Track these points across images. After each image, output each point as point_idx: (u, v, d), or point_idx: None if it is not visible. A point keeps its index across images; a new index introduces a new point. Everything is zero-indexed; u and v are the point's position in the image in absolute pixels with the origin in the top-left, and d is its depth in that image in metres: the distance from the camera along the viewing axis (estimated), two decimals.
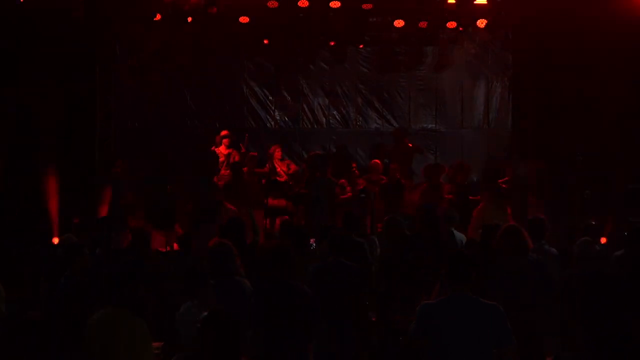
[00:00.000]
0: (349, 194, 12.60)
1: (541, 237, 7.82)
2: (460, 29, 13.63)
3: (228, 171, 13.34)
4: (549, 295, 7.10)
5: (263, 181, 12.94)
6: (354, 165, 13.06)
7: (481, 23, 13.28)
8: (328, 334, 7.15)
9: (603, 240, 10.10)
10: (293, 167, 13.93)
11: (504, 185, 12.49)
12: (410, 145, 14.04)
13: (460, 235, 8.90)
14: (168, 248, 10.78)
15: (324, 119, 15.50)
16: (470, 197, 12.22)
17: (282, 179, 13.29)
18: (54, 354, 6.97)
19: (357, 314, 7.41)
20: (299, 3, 12.81)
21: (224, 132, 13.65)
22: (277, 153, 13.78)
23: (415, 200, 12.28)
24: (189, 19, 12.79)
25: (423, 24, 13.55)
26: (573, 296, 6.80)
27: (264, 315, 5.97)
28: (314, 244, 9.20)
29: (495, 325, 5.10)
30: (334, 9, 13.07)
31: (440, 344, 5.11)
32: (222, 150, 13.62)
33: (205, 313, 4.94)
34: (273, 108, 15.41)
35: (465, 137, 15.45)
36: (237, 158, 13.57)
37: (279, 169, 13.56)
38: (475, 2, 12.93)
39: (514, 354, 5.18)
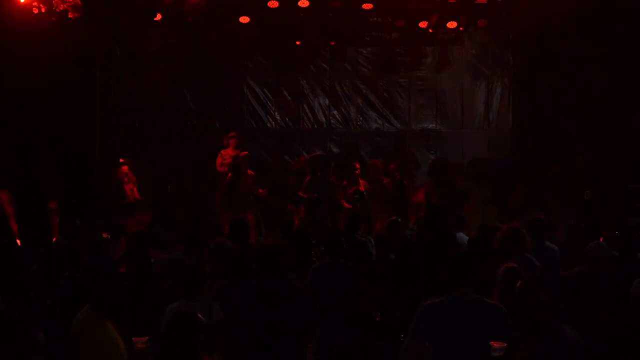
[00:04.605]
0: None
1: (540, 236, 7.84)
2: (461, 29, 13.64)
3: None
4: None
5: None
6: (356, 165, 12.90)
7: (481, 23, 13.30)
8: (328, 333, 7.16)
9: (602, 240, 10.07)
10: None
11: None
12: (411, 153, 13.99)
13: (463, 237, 8.90)
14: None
15: (324, 119, 15.46)
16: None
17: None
18: (54, 353, 6.96)
19: (357, 314, 7.41)
20: (299, 3, 12.81)
21: (231, 134, 13.30)
22: None
23: (420, 200, 12.26)
24: (189, 19, 12.78)
25: (423, 24, 13.56)
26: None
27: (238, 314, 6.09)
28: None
29: (496, 324, 5.10)
30: (334, 8, 13.07)
31: (441, 344, 5.11)
32: (229, 152, 13.16)
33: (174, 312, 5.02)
34: (273, 108, 15.38)
35: (465, 137, 15.42)
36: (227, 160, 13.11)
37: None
38: (475, 2, 12.94)
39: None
